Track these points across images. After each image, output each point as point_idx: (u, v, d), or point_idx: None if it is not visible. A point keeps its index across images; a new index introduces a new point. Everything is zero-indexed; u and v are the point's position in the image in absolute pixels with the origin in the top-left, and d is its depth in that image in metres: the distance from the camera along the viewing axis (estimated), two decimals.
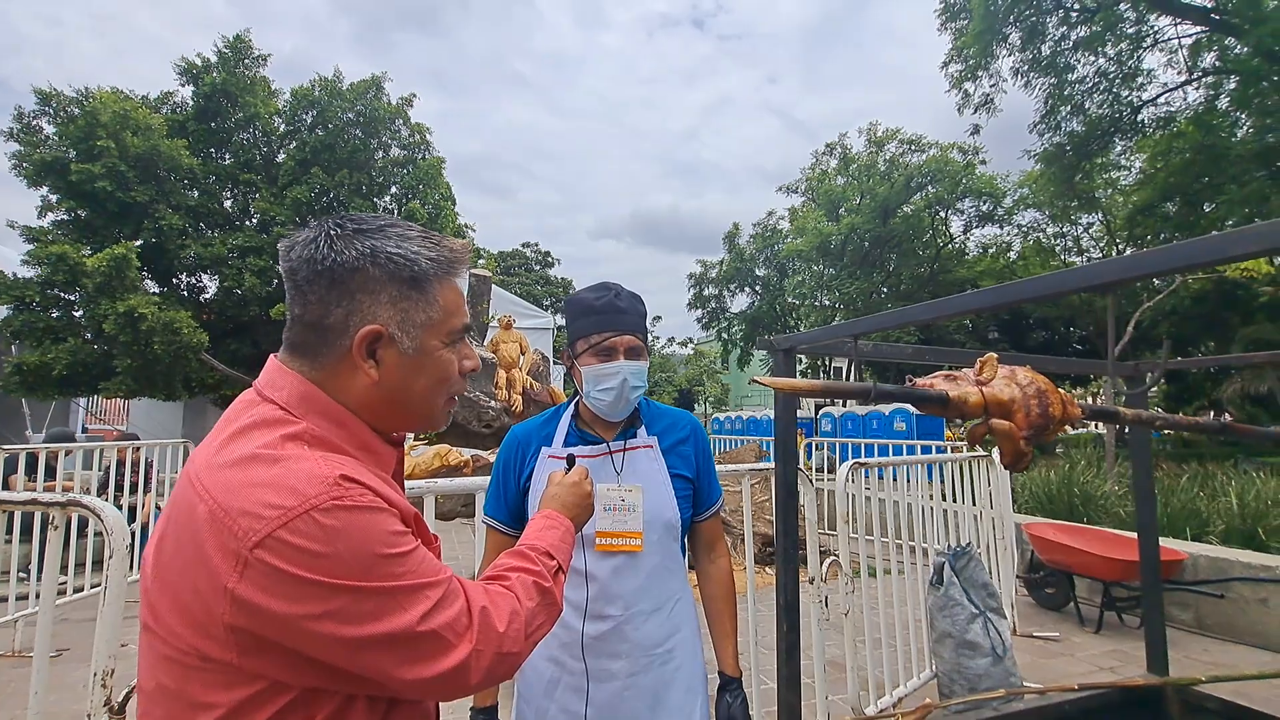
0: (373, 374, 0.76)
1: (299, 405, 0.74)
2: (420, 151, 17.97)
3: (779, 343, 2.01)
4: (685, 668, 1.39)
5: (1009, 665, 2.89)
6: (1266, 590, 4.13)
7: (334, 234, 0.75)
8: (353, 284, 0.74)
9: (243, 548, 0.61)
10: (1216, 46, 15.20)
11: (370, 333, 0.74)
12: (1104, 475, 7.12)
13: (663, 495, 1.40)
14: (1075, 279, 1.16)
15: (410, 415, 0.81)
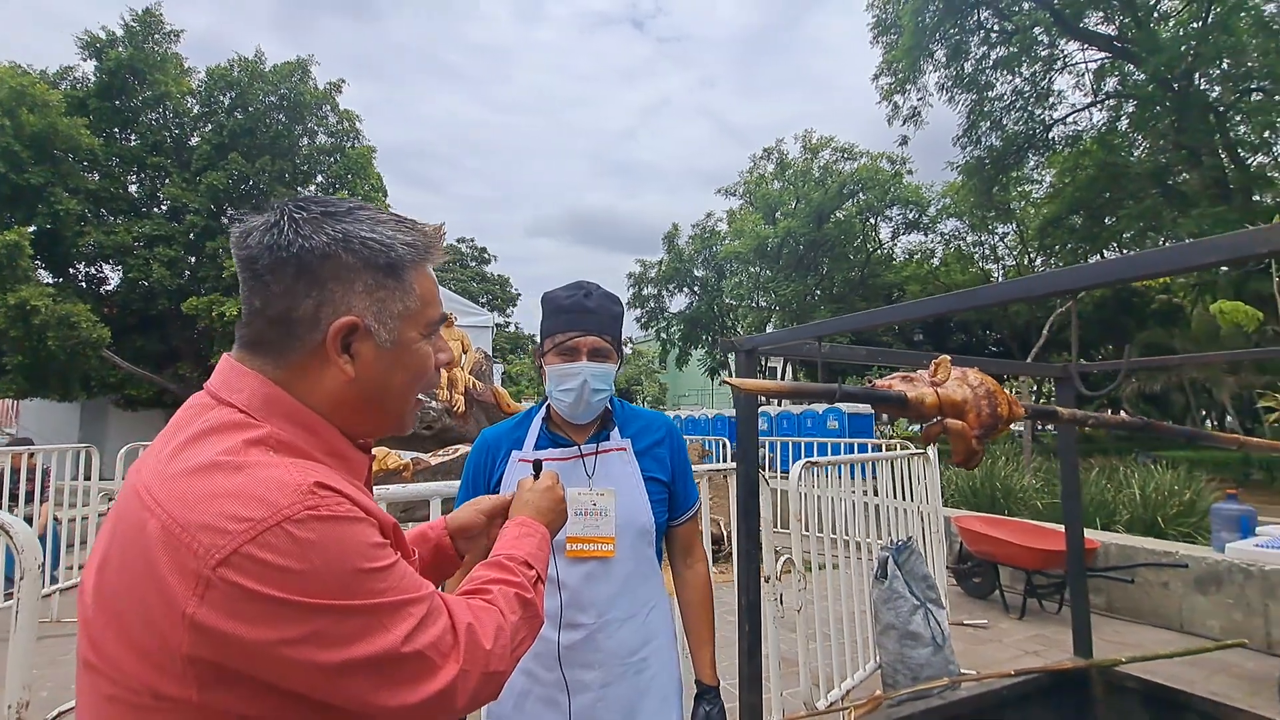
0: (348, 370, 0.69)
1: (261, 408, 0.66)
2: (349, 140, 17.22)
3: (741, 344, 2.01)
4: (660, 677, 1.36)
5: (948, 654, 3.01)
6: (1167, 574, 4.49)
7: (299, 218, 0.68)
8: (324, 272, 0.67)
9: (204, 567, 0.54)
10: (1118, 72, 16.50)
11: (346, 324, 0.68)
12: (1022, 470, 7.58)
13: (636, 499, 1.36)
14: (1044, 284, 1.19)
15: (385, 415, 0.75)
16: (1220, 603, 4.25)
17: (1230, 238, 0.91)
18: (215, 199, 13.79)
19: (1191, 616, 4.37)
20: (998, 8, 16.16)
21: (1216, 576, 4.27)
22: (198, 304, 12.36)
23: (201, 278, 13.50)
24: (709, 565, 1.55)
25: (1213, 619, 4.27)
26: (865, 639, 3.47)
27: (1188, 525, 5.67)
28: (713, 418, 15.56)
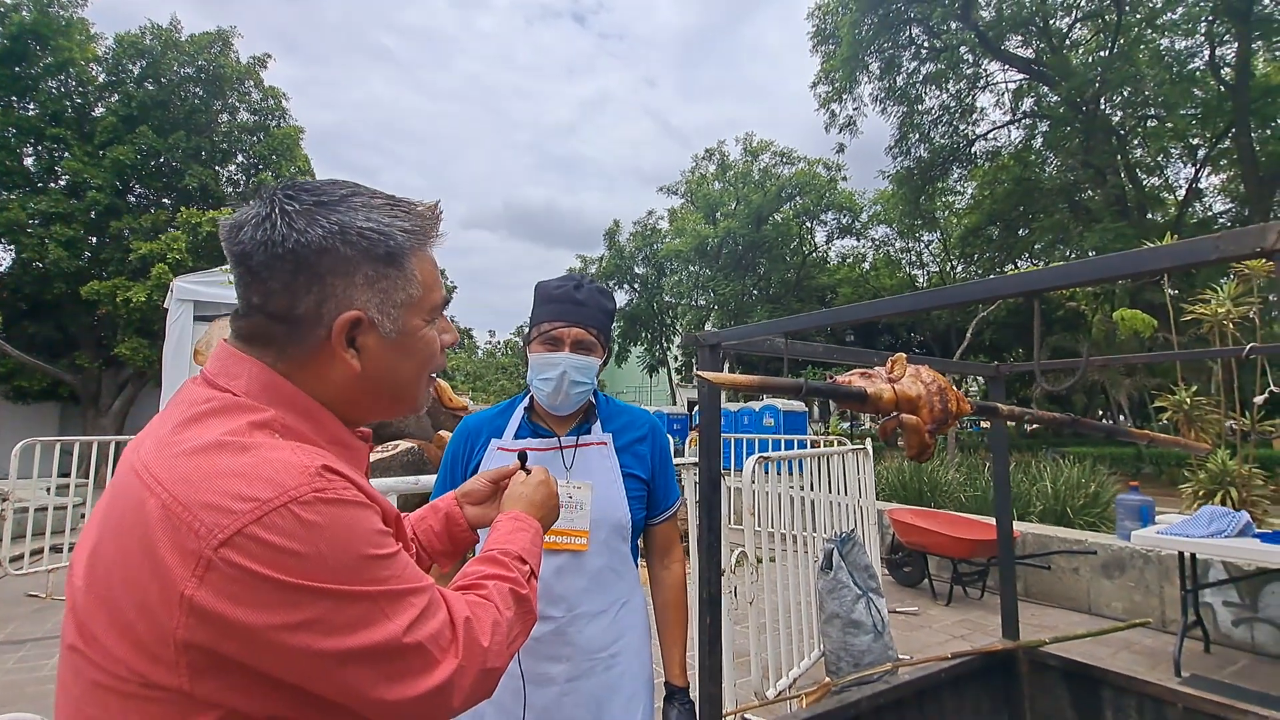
0: (355, 365, 0.68)
1: (261, 394, 0.65)
2: (274, 119, 16.31)
3: (706, 339, 2.02)
4: (629, 673, 1.35)
5: (888, 640, 3.14)
6: (1078, 561, 4.84)
7: (290, 209, 0.65)
8: (322, 266, 0.65)
9: (205, 547, 0.52)
10: (1034, 93, 17.66)
11: (349, 319, 0.66)
12: (947, 465, 8.01)
13: (613, 494, 1.35)
14: (1009, 285, 1.25)
15: (395, 402, 0.75)
16: (1123, 586, 4.62)
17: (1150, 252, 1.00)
18: (121, 175, 12.75)
19: (1098, 599, 4.74)
20: (928, 25, 16.98)
21: (1120, 562, 4.64)
22: (99, 289, 11.39)
23: (104, 260, 12.46)
24: (685, 566, 1.54)
25: (1117, 601, 4.64)
26: (810, 629, 3.57)
27: (1093, 515, 6.14)
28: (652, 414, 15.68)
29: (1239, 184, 16.09)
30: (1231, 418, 5.62)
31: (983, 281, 1.30)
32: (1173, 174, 18.44)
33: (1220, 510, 3.92)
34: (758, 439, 9.10)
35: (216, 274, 5.67)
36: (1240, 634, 4.08)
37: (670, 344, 29.06)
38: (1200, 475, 5.22)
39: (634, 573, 1.42)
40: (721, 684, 1.98)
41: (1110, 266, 1.10)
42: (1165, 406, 6.02)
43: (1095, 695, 2.53)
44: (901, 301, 1.49)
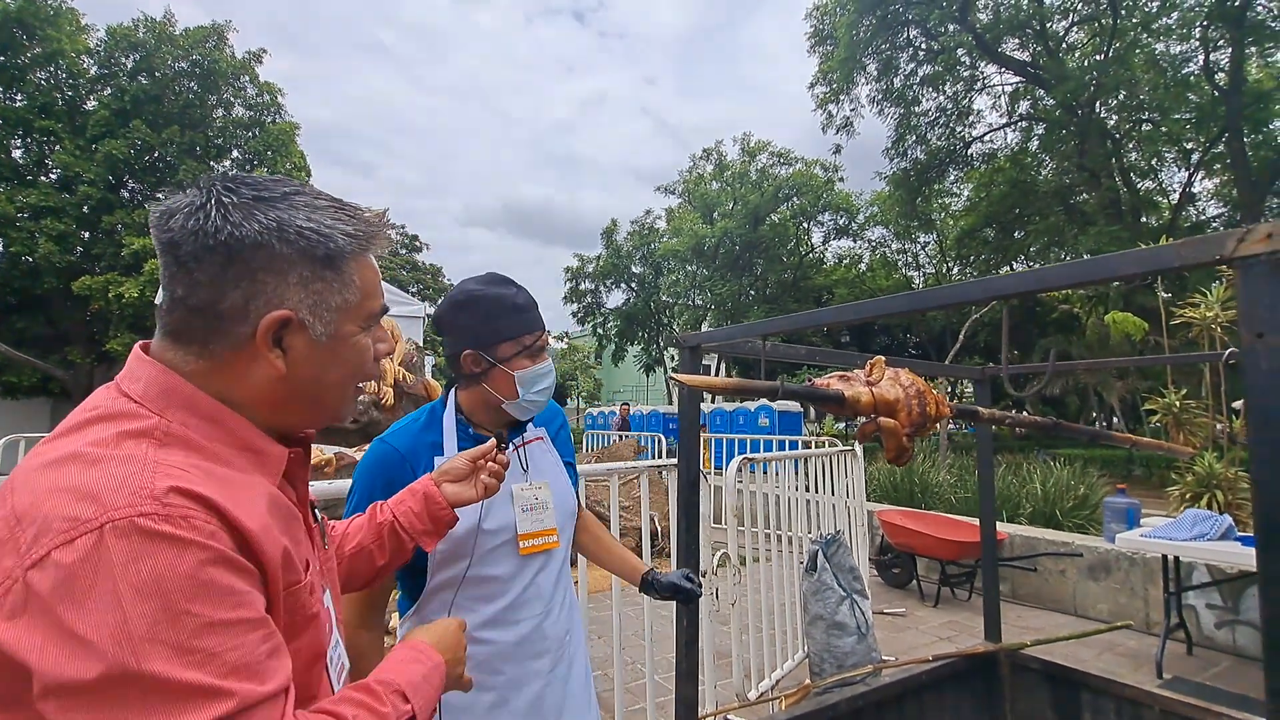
0: (279, 365, 0.65)
1: (158, 399, 0.61)
2: (269, 114, 16.24)
3: (686, 340, 2.02)
4: (581, 652, 1.41)
5: (871, 642, 3.14)
6: (1064, 563, 4.86)
7: (227, 201, 0.62)
8: (255, 262, 0.63)
9: (18, 566, 0.49)
10: (1031, 96, 17.70)
11: (277, 319, 0.64)
12: (938, 467, 8.02)
13: (563, 485, 1.38)
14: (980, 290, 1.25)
15: (319, 409, 0.72)
16: (1109, 588, 4.64)
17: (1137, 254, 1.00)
18: (114, 169, 12.67)
19: (1084, 601, 4.75)
20: (926, 27, 17.00)
21: (1106, 564, 4.66)
22: (90, 284, 11.33)
23: (95, 255, 12.38)
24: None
25: (1102, 603, 4.66)
26: (794, 630, 3.57)
27: (1081, 517, 6.16)
28: (648, 414, 15.66)
29: (1232, 188, 16.17)
30: (1219, 421, 5.65)
31: (954, 286, 1.30)
32: (1166, 178, 18.54)
33: (1204, 513, 3.93)
34: (749, 439, 9.11)
35: None
36: (1222, 636, 4.10)
37: (667, 344, 29.07)
38: (1188, 478, 5.25)
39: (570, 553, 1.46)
40: (698, 685, 1.98)
41: (1083, 272, 1.11)
42: (1155, 409, 6.05)
43: (1075, 697, 2.54)
44: (866, 307, 1.49)
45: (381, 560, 1.01)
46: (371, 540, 1.01)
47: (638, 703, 3.07)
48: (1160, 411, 5.96)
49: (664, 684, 3.21)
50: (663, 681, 3.22)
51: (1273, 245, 0.87)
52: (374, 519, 1.03)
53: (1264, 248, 0.88)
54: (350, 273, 0.69)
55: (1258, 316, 0.88)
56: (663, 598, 1.46)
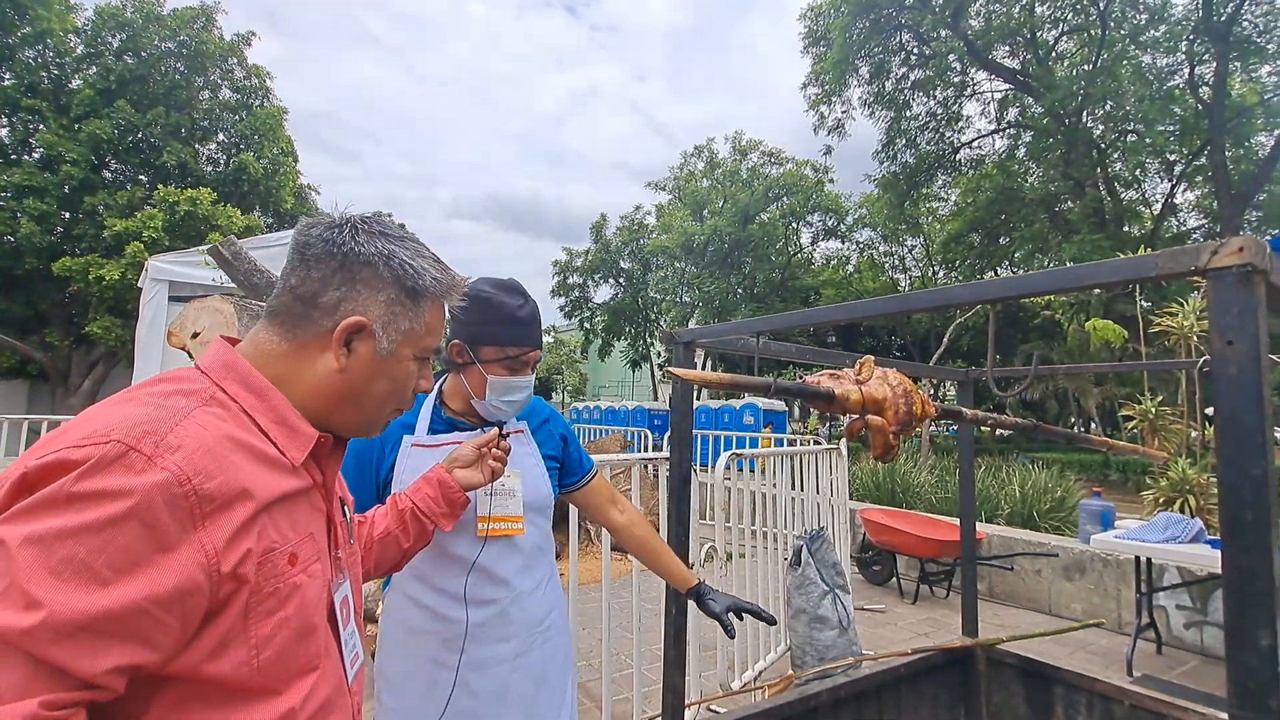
0: (341, 361, 0.77)
1: (220, 371, 0.72)
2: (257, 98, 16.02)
3: (680, 336, 2.06)
4: (561, 642, 1.43)
5: (852, 636, 3.20)
6: (1041, 563, 4.97)
7: (360, 228, 0.79)
8: (360, 275, 0.77)
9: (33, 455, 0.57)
10: (1019, 104, 17.89)
11: (356, 322, 0.76)
12: (920, 467, 8.14)
13: (538, 477, 1.42)
14: (965, 294, 1.29)
15: (359, 414, 0.82)
16: (1083, 588, 4.75)
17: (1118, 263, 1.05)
18: (97, 150, 12.45)
19: (1059, 600, 4.87)
20: (918, 32, 17.12)
21: (1081, 565, 4.77)
22: (71, 265, 11.13)
23: (77, 236, 12.16)
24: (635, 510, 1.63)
25: (1076, 603, 4.77)
26: (778, 623, 3.63)
27: (1058, 519, 6.30)
28: (633, 409, 15.71)
29: (1212, 200, 16.48)
30: (1194, 428, 5.79)
31: (943, 289, 1.35)
32: (1150, 188, 18.85)
33: (1176, 517, 4.05)
34: (735, 436, 9.18)
35: (193, 254, 5.59)
36: (1191, 636, 4.22)
37: (654, 340, 29.09)
38: (1161, 483, 5.37)
39: (553, 548, 1.50)
40: (685, 674, 2.03)
41: (1066, 278, 1.16)
42: (1132, 415, 6.18)
43: (1048, 692, 2.61)
44: (859, 307, 1.53)
45: (406, 544, 1.14)
46: (396, 526, 1.13)
47: (623, 692, 3.12)
48: (1136, 417, 6.09)
49: (649, 674, 3.25)
50: (648, 672, 3.27)
51: (1243, 258, 0.92)
52: (395, 507, 1.15)
53: (1235, 260, 0.93)
54: (424, 309, 0.83)
55: (1228, 325, 0.93)
56: (712, 616, 1.49)
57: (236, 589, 0.62)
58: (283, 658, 0.67)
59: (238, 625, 0.63)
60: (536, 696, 1.34)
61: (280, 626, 0.66)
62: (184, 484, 0.58)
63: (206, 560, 0.59)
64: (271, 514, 0.67)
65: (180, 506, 0.58)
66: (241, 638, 0.63)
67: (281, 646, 0.66)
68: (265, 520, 0.66)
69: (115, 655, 0.54)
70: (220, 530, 0.60)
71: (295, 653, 0.69)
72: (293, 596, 0.68)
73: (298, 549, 0.70)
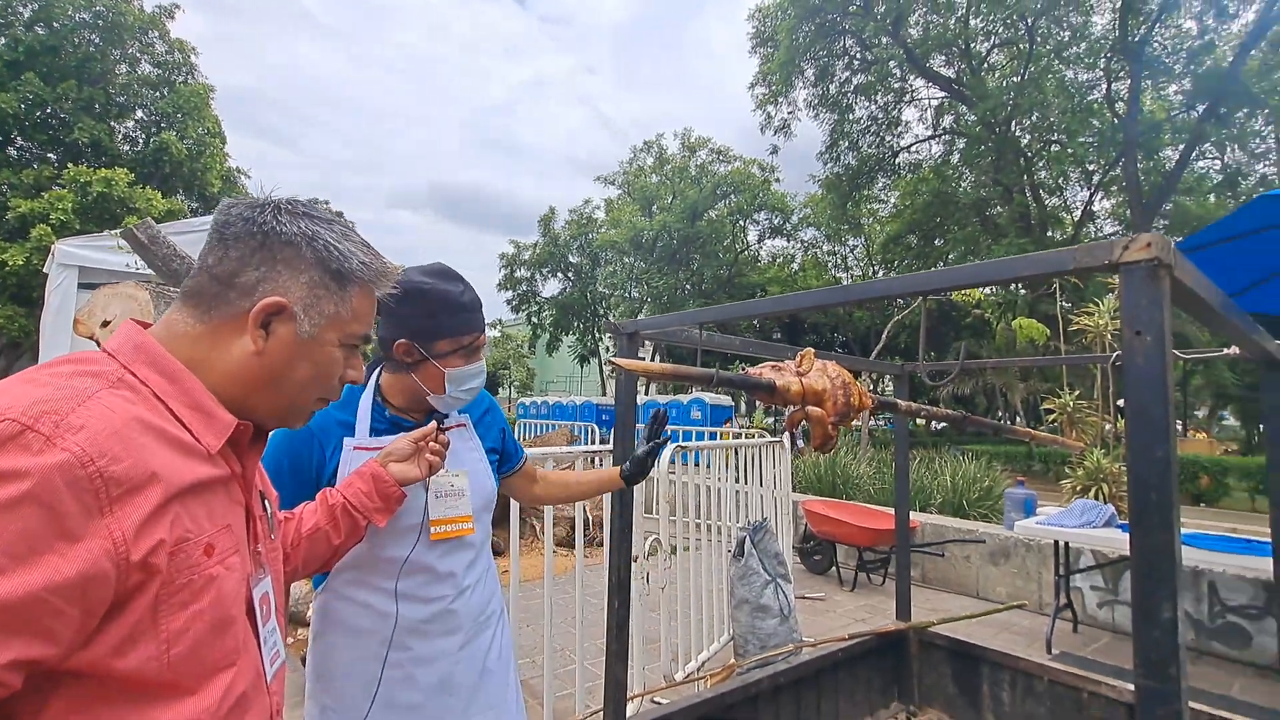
0: (258, 343, 0.74)
1: (129, 353, 0.68)
2: (181, 74, 15.11)
3: (624, 327, 2.05)
4: (499, 633, 1.42)
5: (793, 624, 3.28)
6: (970, 549, 5.21)
7: (284, 209, 0.77)
8: (281, 255, 0.75)
9: None
10: (954, 111, 18.66)
11: (274, 304, 0.74)
12: (859, 460, 8.42)
13: (483, 474, 1.40)
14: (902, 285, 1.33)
15: (278, 401, 0.78)
16: (1007, 572, 5.01)
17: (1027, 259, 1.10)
18: (2, 125, 11.48)
19: (986, 584, 5.12)
20: (861, 38, 17.62)
21: (1006, 550, 5.03)
22: None
23: None
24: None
25: (1001, 586, 5.03)
26: (721, 614, 3.68)
27: (985, 507, 6.62)
28: (581, 404, 15.65)
29: (1126, 209, 17.62)
30: (1107, 421, 6.20)
31: (883, 281, 1.38)
32: (1071, 196, 20.00)
33: (1091, 503, 4.31)
34: (682, 430, 9.25)
35: (105, 238, 5.21)
36: (1104, 615, 4.51)
37: (603, 335, 29.04)
38: (1079, 472, 5.73)
39: (490, 537, 1.48)
40: (628, 666, 2.02)
41: (994, 271, 1.20)
42: (1053, 409, 6.56)
43: (975, 670, 2.74)
44: (802, 298, 1.55)
45: (337, 540, 1.10)
46: (326, 522, 1.09)
47: (566, 688, 3.09)
48: (1057, 411, 6.47)
49: (593, 669, 3.24)
50: (591, 667, 3.25)
51: (1151, 253, 0.98)
52: (325, 502, 1.11)
53: (1143, 255, 0.98)
54: (351, 294, 0.80)
55: (1137, 317, 0.99)
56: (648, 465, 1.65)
57: (146, 579, 0.59)
58: (196, 653, 0.63)
59: (147, 618, 0.59)
60: (480, 685, 1.33)
61: (194, 620, 0.63)
62: (87, 466, 0.55)
63: (114, 548, 0.56)
64: (185, 502, 0.63)
65: (84, 490, 0.54)
66: (151, 631, 0.60)
67: (195, 641, 0.63)
68: (178, 508, 0.62)
69: (12, 648, 0.51)
70: (129, 516, 0.57)
71: (210, 648, 0.65)
72: (208, 589, 0.65)
73: (214, 540, 0.67)
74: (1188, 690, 0.94)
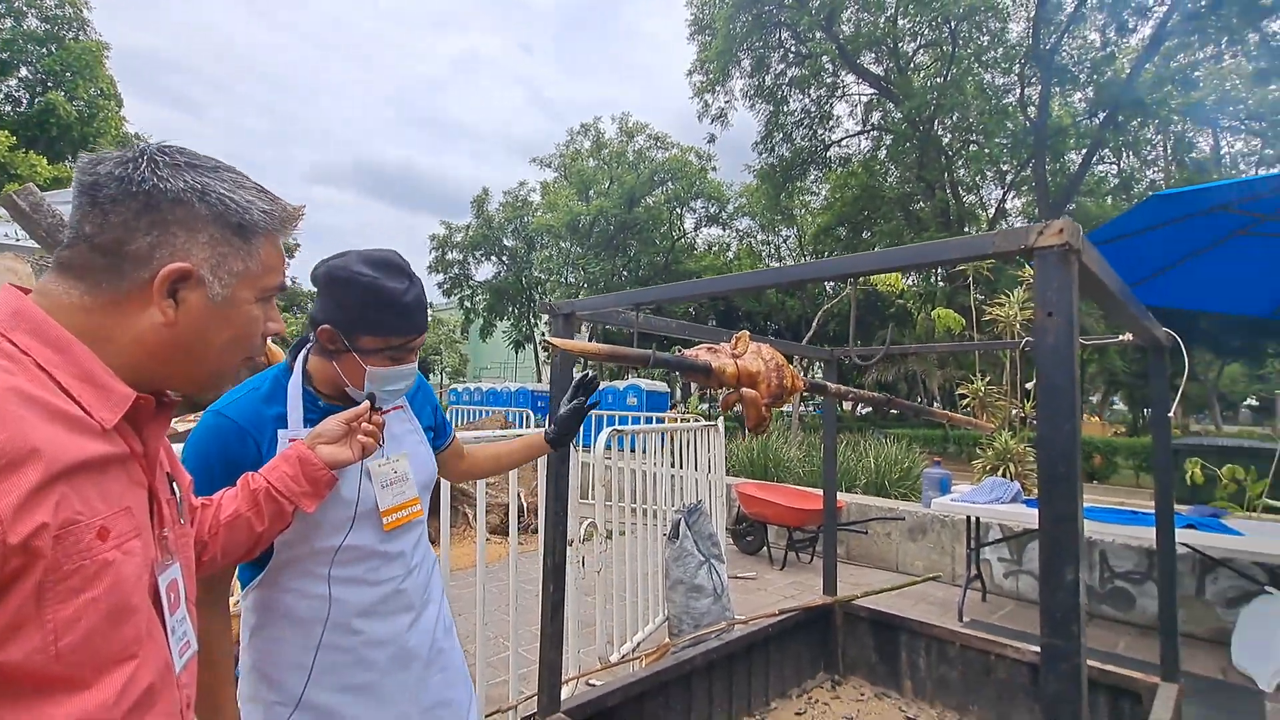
0: (169, 314, 0.68)
1: (6, 320, 0.62)
2: (71, 30, 13.76)
3: (560, 308, 2.01)
4: (441, 604, 1.42)
5: (726, 602, 3.35)
6: (891, 526, 5.48)
7: (159, 160, 0.69)
8: (171, 216, 0.68)
9: None
10: (882, 108, 19.34)
11: (178, 270, 0.68)
12: (790, 444, 8.69)
13: (422, 454, 1.37)
14: (831, 268, 1.36)
15: (200, 369, 0.74)
16: (924, 547, 5.31)
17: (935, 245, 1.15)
18: None
19: (905, 559, 5.41)
20: (796, 31, 17.95)
21: (924, 526, 5.32)
22: None
23: None
24: None
25: (918, 560, 5.32)
26: (655, 596, 3.72)
27: (905, 487, 6.98)
28: (516, 390, 15.44)
29: (1034, 208, 18.83)
30: (1015, 405, 6.63)
31: (815, 263, 1.40)
32: (986, 194, 21.20)
33: (1000, 481, 4.61)
34: (618, 415, 9.27)
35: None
36: (1009, 584, 4.85)
37: (538, 320, 28.66)
38: (989, 453, 6.10)
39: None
40: (563, 650, 2.01)
41: (919, 254, 1.24)
42: (966, 394, 6.96)
43: (895, 638, 2.89)
44: (737, 279, 1.57)
45: (260, 526, 1.04)
46: (248, 508, 1.03)
47: (499, 675, 3.06)
48: (970, 396, 6.86)
49: (527, 655, 3.21)
50: (525, 653, 3.22)
51: (1063, 239, 1.03)
52: (247, 487, 1.05)
53: (1056, 240, 1.04)
54: (257, 245, 0.75)
55: (1048, 299, 1.04)
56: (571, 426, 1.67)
57: (27, 564, 0.54)
58: (90, 643, 0.58)
59: (30, 606, 0.55)
60: (432, 657, 1.33)
61: (87, 608, 0.58)
62: None
63: None
64: (74, 482, 0.58)
65: None
66: (36, 620, 0.55)
67: (88, 631, 0.58)
68: (65, 488, 0.57)
69: None
70: (4, 496, 0.52)
71: (106, 638, 0.60)
72: (102, 575, 0.60)
73: (110, 523, 0.62)
74: (1086, 648, 1.01)
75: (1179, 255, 4.08)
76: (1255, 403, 34.14)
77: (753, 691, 2.70)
